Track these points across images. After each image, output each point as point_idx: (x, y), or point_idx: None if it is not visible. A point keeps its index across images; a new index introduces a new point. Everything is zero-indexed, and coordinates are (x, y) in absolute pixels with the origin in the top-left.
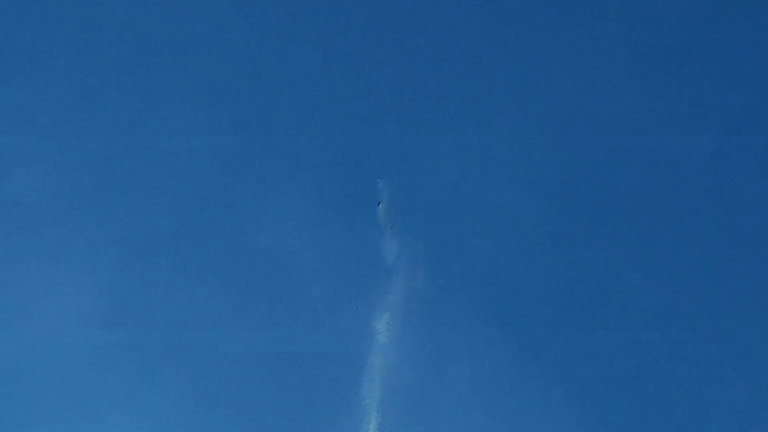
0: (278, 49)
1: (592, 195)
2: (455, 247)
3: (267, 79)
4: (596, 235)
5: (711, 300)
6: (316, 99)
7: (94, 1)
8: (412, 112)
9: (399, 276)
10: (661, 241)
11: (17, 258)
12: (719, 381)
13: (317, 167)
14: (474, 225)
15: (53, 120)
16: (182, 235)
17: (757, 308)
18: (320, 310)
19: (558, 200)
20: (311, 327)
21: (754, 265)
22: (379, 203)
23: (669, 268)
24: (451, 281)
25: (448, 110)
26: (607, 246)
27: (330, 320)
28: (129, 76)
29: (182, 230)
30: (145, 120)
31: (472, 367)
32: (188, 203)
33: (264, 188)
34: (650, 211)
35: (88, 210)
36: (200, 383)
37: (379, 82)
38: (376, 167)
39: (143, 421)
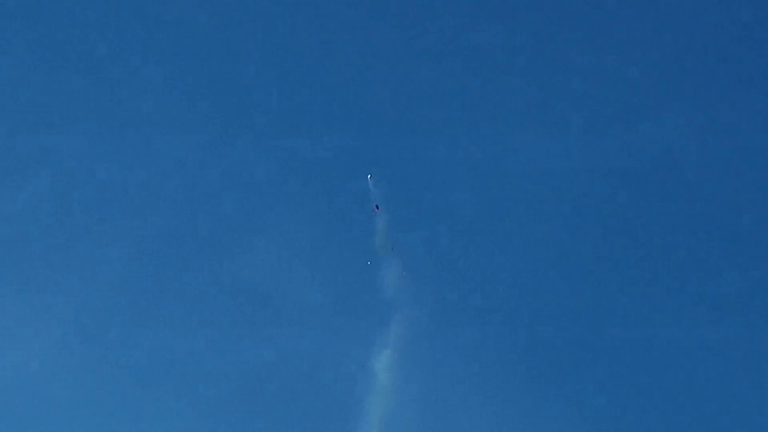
0: (283, 61)
1: (603, 199)
2: (464, 272)
3: (267, 91)
4: (606, 242)
5: (717, 300)
6: (312, 110)
7: (100, 4)
8: (410, 121)
9: (401, 308)
10: (667, 241)
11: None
12: (723, 381)
13: (312, 180)
14: (483, 245)
15: (61, 124)
16: (173, 268)
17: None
18: (312, 349)
19: (570, 211)
20: (302, 369)
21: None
22: (377, 207)
23: (675, 269)
24: (461, 314)
25: (451, 117)
26: (618, 247)
27: (323, 360)
28: (128, 88)
29: (172, 262)
30: (140, 125)
31: (486, 417)
32: (180, 231)
33: (254, 206)
34: (657, 211)
35: (92, 216)
36: (193, 424)
37: (379, 92)
38: (375, 185)
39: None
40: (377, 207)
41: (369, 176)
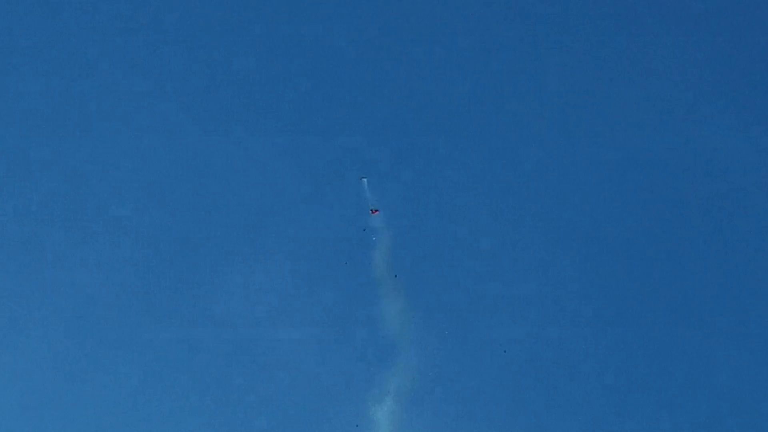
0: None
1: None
2: (477, 302)
3: (273, 94)
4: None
5: (719, 302)
6: (319, 115)
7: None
8: (413, 125)
9: (404, 350)
10: (673, 244)
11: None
12: (720, 384)
13: (314, 186)
14: (496, 268)
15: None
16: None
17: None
18: (305, 394)
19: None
20: (293, 419)
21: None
22: (376, 210)
23: (676, 272)
24: (472, 356)
25: (456, 121)
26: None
27: (318, 411)
28: (134, 93)
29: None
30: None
31: None
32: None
33: (241, 235)
34: (663, 212)
35: (97, 218)
36: None
37: (383, 96)
38: (372, 189)
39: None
40: (375, 211)
41: (364, 180)
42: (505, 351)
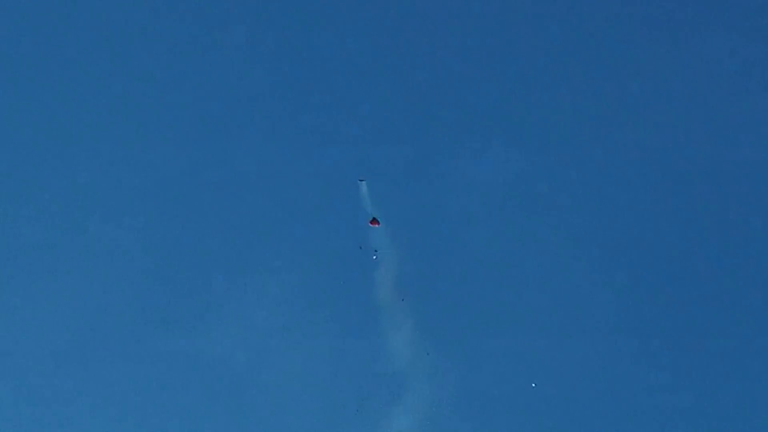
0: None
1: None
2: (491, 327)
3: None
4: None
5: (737, 308)
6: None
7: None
8: (419, 133)
9: (412, 378)
10: (686, 252)
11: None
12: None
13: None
14: (508, 285)
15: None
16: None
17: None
18: (315, 409)
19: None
20: None
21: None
22: (375, 220)
23: (693, 279)
24: (488, 388)
25: (463, 128)
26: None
27: (328, 419)
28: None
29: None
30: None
31: None
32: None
33: (240, 252)
34: (679, 218)
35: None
36: None
37: (388, 100)
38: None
39: None
40: (375, 221)
41: (363, 182)
42: (534, 385)
